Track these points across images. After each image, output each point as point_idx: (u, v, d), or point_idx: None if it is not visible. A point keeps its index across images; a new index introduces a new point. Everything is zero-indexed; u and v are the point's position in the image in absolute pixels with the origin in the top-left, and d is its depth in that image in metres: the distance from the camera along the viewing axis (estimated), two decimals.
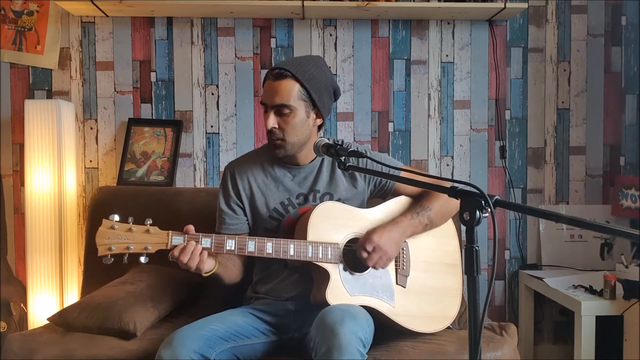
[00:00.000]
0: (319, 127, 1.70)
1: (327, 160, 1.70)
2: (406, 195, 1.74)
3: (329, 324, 1.36)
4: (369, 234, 1.60)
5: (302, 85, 1.58)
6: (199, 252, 1.44)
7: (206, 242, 1.47)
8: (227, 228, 1.68)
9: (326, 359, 1.32)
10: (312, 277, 1.62)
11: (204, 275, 1.51)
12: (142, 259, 1.40)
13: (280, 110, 1.58)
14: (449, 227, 1.80)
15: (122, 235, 1.39)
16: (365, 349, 1.40)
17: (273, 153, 1.65)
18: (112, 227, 1.39)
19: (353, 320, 1.39)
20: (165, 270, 2.00)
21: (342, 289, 1.55)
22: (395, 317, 1.60)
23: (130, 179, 2.44)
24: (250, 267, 1.77)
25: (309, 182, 1.70)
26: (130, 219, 1.41)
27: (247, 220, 1.71)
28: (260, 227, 1.69)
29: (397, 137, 2.60)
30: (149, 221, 1.42)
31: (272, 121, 1.59)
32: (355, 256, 1.60)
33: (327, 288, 1.52)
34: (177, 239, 1.44)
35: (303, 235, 1.56)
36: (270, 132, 1.61)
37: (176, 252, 1.43)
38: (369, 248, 1.56)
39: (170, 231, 1.44)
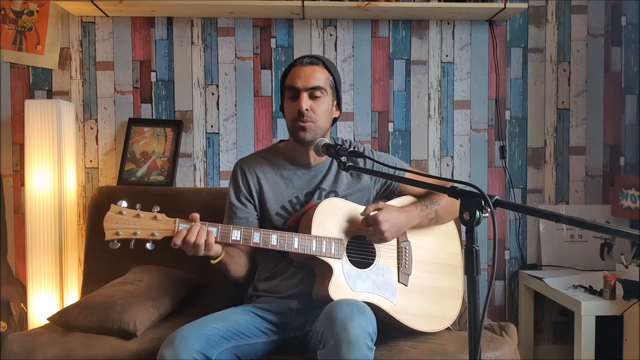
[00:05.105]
0: (333, 121, 1.74)
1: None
2: (411, 195, 1.75)
3: (338, 319, 1.35)
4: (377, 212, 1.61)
5: (330, 73, 1.67)
6: (205, 232, 1.44)
7: (212, 229, 1.46)
8: (237, 222, 1.68)
9: (334, 355, 1.32)
10: (315, 274, 1.62)
11: (212, 262, 1.50)
12: (149, 245, 1.40)
13: (314, 92, 1.63)
14: (451, 228, 1.80)
15: (129, 221, 1.39)
16: (373, 341, 1.39)
17: (298, 138, 1.64)
18: (120, 212, 1.38)
19: (362, 315, 1.39)
20: (165, 270, 2.01)
21: (344, 285, 1.55)
22: (396, 315, 1.61)
23: (131, 179, 2.43)
24: (255, 265, 1.76)
25: (317, 180, 1.71)
26: (138, 206, 1.40)
27: (257, 215, 1.72)
28: (267, 223, 1.70)
29: (397, 137, 2.60)
30: (157, 208, 1.42)
31: (307, 102, 1.61)
32: (359, 252, 1.61)
33: (330, 283, 1.52)
34: (184, 226, 1.44)
35: (307, 230, 1.57)
36: (300, 116, 1.61)
37: (184, 232, 1.42)
38: (370, 221, 1.58)
39: (177, 218, 1.44)
